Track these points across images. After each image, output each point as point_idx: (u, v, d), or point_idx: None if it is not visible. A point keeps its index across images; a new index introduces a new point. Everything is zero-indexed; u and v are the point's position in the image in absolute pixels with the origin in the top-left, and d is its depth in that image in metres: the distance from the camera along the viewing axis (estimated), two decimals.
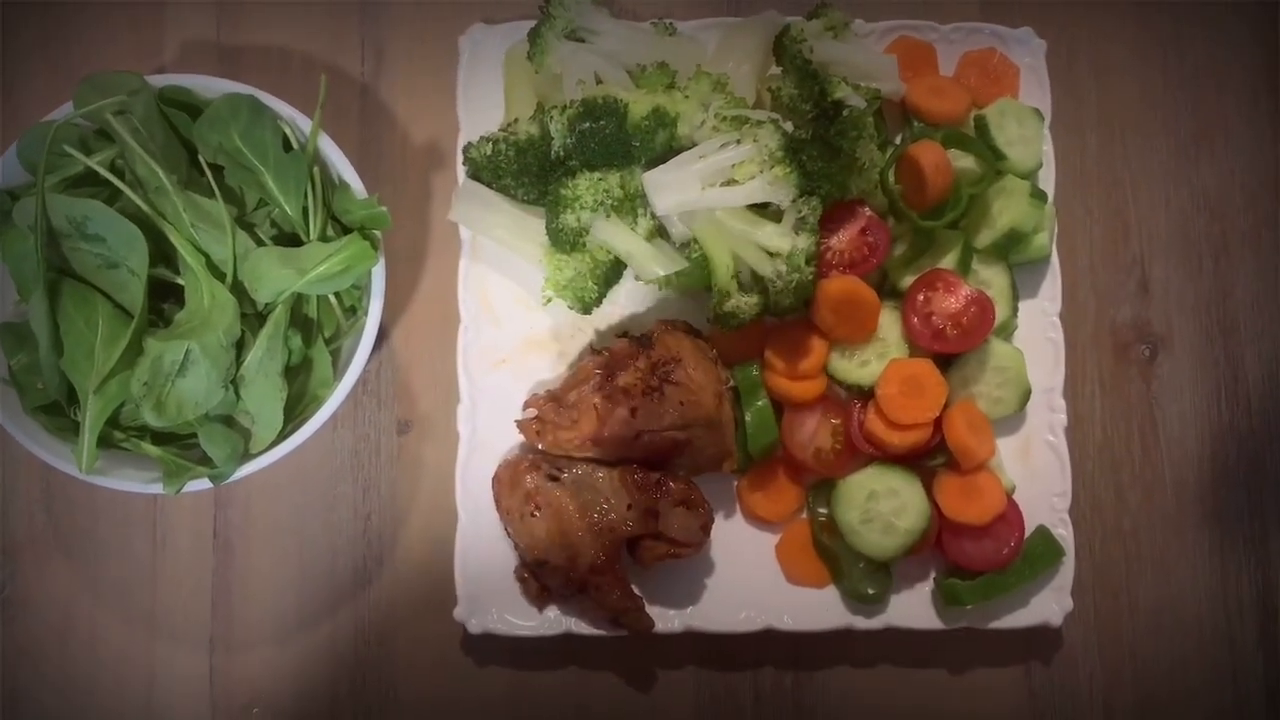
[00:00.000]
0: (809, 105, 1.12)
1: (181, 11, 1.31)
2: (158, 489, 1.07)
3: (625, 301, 1.23)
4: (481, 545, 1.18)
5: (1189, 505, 1.27)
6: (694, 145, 1.09)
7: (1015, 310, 1.21)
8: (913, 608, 1.19)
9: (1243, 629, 1.25)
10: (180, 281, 1.07)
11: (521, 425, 1.17)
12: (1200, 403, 1.29)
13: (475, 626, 1.17)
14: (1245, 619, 1.25)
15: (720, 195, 1.07)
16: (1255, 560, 1.26)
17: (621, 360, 1.15)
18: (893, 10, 1.29)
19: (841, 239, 1.19)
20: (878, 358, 1.19)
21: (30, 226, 1.02)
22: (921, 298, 1.17)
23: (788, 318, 1.18)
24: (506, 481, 1.17)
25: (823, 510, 1.19)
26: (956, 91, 1.24)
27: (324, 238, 1.11)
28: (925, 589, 1.19)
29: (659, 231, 1.11)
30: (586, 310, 1.17)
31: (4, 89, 1.28)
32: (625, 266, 1.15)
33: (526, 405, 1.16)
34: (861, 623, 1.18)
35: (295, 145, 1.12)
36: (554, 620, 1.17)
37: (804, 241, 1.09)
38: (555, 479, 1.14)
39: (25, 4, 1.30)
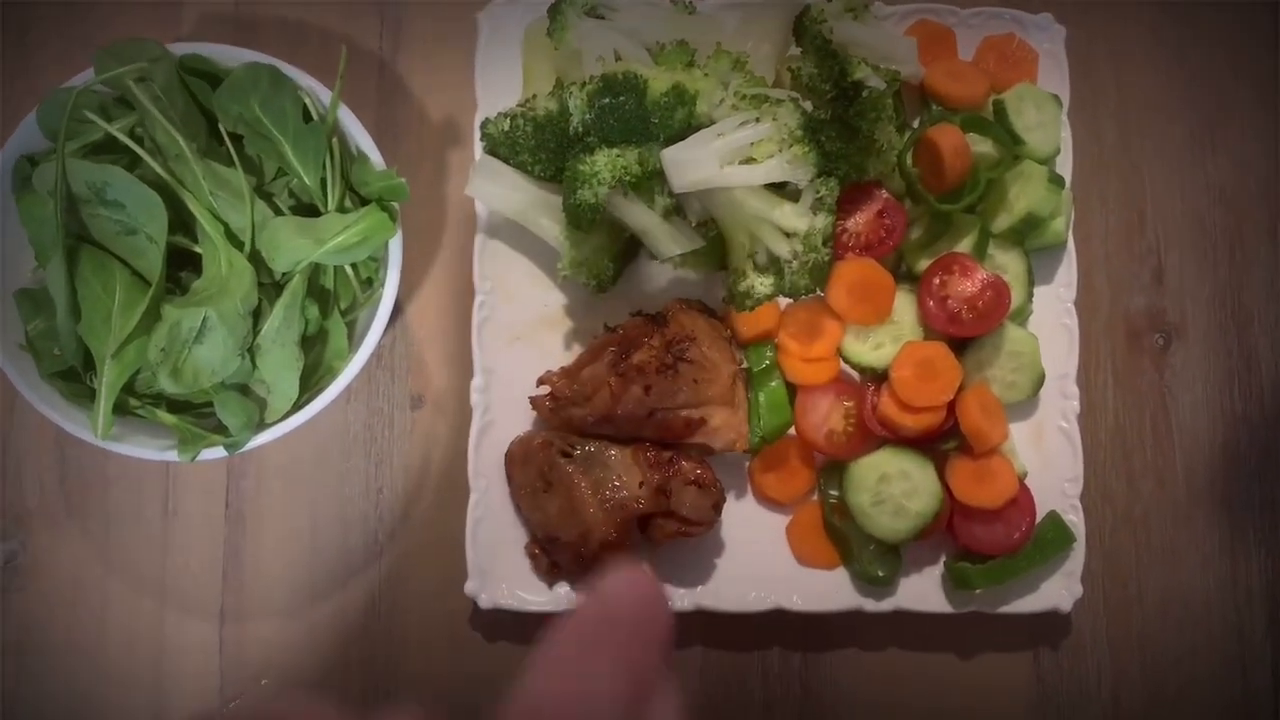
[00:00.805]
0: (828, 86, 1.12)
1: None
2: (173, 456, 1.07)
3: (640, 279, 1.23)
4: (493, 521, 1.19)
5: (1200, 494, 1.27)
6: (713, 123, 1.09)
7: (1030, 296, 1.21)
8: (922, 591, 1.19)
9: (1252, 618, 1.25)
10: (198, 249, 1.08)
11: (535, 401, 1.17)
12: (1213, 392, 1.29)
13: (485, 601, 1.17)
14: (1255, 608, 1.25)
15: (738, 174, 1.07)
16: (1266, 550, 1.26)
17: (635, 338, 1.15)
18: None
19: (858, 221, 1.19)
20: (892, 340, 1.19)
21: (50, 192, 1.02)
22: (937, 281, 1.17)
23: (802, 299, 1.18)
24: (519, 457, 1.17)
25: (834, 492, 1.19)
26: (975, 76, 1.23)
27: (342, 209, 1.11)
28: (935, 572, 1.19)
29: (676, 210, 1.11)
30: (602, 288, 1.18)
31: (25, 55, 1.28)
32: (641, 244, 1.15)
33: (540, 381, 1.16)
34: (871, 605, 1.18)
35: (315, 116, 1.12)
36: (564, 596, 1.18)
37: (821, 222, 1.09)
38: (567, 456, 1.15)
39: None
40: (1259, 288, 1.31)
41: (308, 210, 1.12)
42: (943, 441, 1.18)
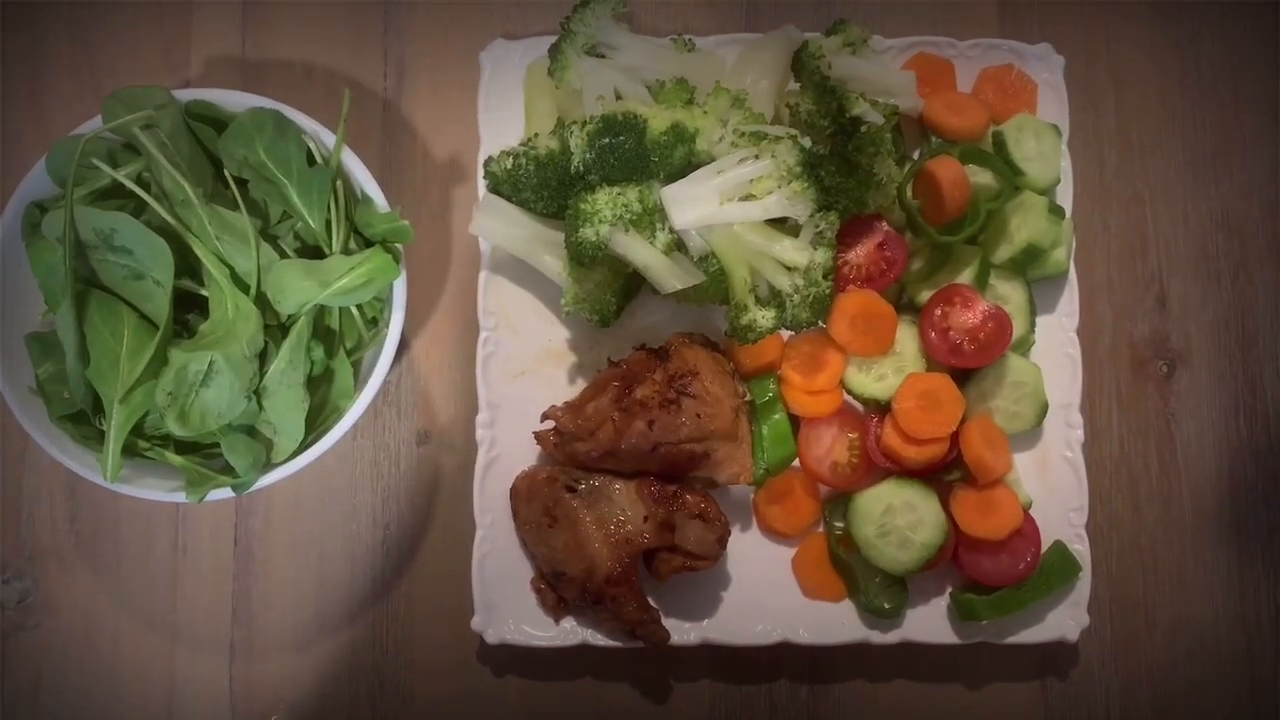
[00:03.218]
0: (827, 121, 1.13)
1: (207, 27, 1.33)
2: (180, 498, 1.08)
3: (643, 314, 1.24)
4: (499, 556, 1.19)
5: (1207, 522, 1.27)
6: (712, 160, 1.09)
7: (1033, 325, 1.21)
8: (929, 622, 1.19)
9: (1261, 646, 1.24)
10: (204, 293, 1.09)
11: (539, 436, 1.18)
12: (1218, 419, 1.29)
13: (492, 636, 1.17)
14: (1264, 636, 1.24)
15: (738, 210, 1.08)
16: (1274, 577, 1.25)
17: (639, 373, 1.15)
18: (911, 26, 1.30)
19: (859, 253, 1.20)
20: (895, 372, 1.19)
21: (58, 238, 1.04)
22: (939, 312, 1.18)
23: (805, 332, 1.18)
24: (524, 492, 1.18)
25: (839, 524, 1.19)
26: (974, 107, 1.24)
27: (346, 250, 1.12)
28: (941, 604, 1.19)
29: (677, 245, 1.12)
30: (605, 323, 1.18)
31: (34, 103, 1.30)
32: (643, 280, 1.15)
33: (544, 417, 1.17)
34: (877, 637, 1.18)
35: (319, 159, 1.13)
36: (570, 631, 1.18)
37: (821, 256, 1.10)
38: (572, 490, 1.15)
39: (54, 19, 1.32)
40: (1263, 312, 1.31)
41: (313, 252, 1.13)
42: (947, 472, 1.18)
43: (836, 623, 1.18)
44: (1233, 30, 1.36)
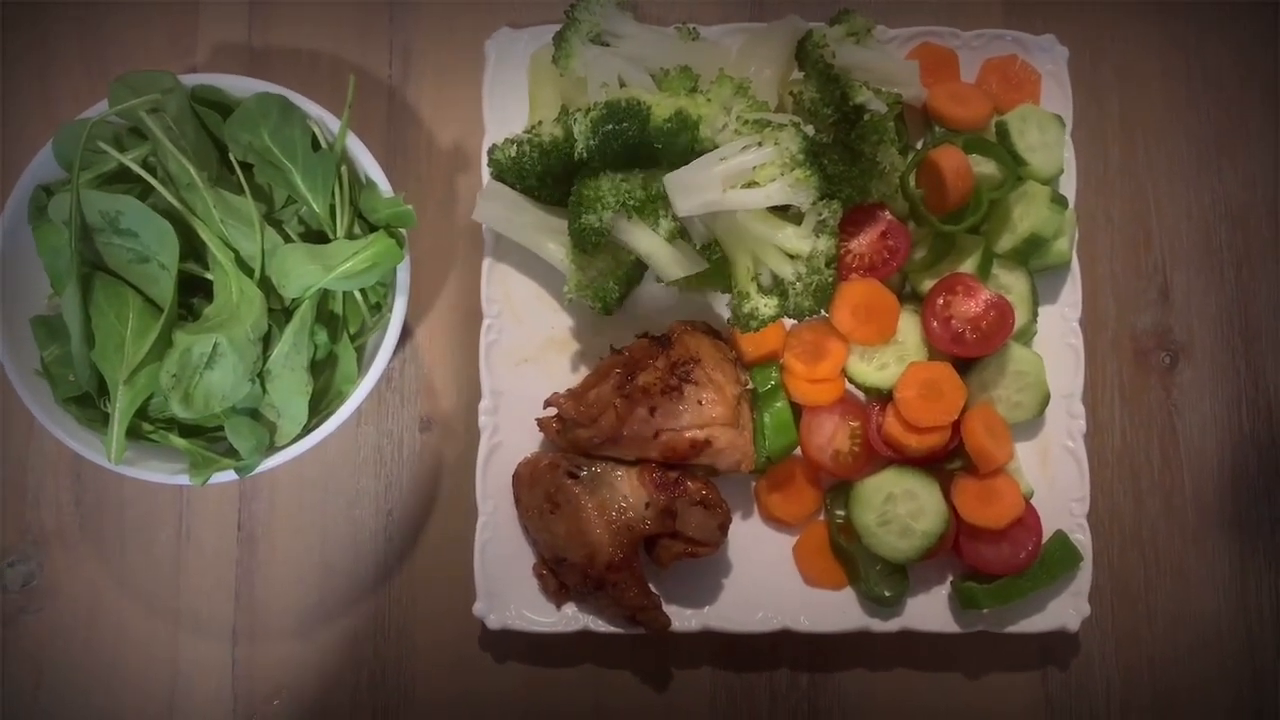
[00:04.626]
0: (830, 109, 1.13)
1: (214, 13, 1.33)
2: (184, 480, 1.09)
3: (646, 302, 1.24)
4: (501, 542, 1.20)
5: (1208, 514, 1.27)
6: (716, 148, 1.10)
7: (1035, 315, 1.21)
8: (929, 611, 1.19)
9: (1263, 639, 1.24)
10: (209, 276, 1.09)
11: (542, 423, 1.18)
12: (1220, 412, 1.29)
13: (494, 622, 1.18)
14: (1265, 629, 1.24)
15: (741, 197, 1.08)
16: (1275, 570, 1.25)
17: (641, 360, 1.16)
18: (915, 16, 1.30)
19: (862, 242, 1.20)
20: (897, 361, 1.19)
21: (65, 221, 1.05)
22: (941, 301, 1.18)
23: (807, 320, 1.18)
24: (526, 479, 1.18)
25: (840, 512, 1.19)
26: (978, 97, 1.24)
27: (350, 235, 1.13)
28: (942, 592, 1.19)
29: (680, 233, 1.12)
30: (608, 310, 1.19)
31: (41, 87, 1.31)
32: (646, 267, 1.16)
33: (547, 403, 1.17)
34: (878, 625, 1.18)
35: (324, 144, 1.13)
36: (572, 617, 1.18)
37: (824, 244, 1.10)
38: (574, 477, 1.15)
39: (62, 4, 1.33)
40: (1266, 305, 1.31)
41: (317, 237, 1.14)
42: (948, 461, 1.19)
43: (837, 611, 1.19)
44: (1237, 23, 1.36)
